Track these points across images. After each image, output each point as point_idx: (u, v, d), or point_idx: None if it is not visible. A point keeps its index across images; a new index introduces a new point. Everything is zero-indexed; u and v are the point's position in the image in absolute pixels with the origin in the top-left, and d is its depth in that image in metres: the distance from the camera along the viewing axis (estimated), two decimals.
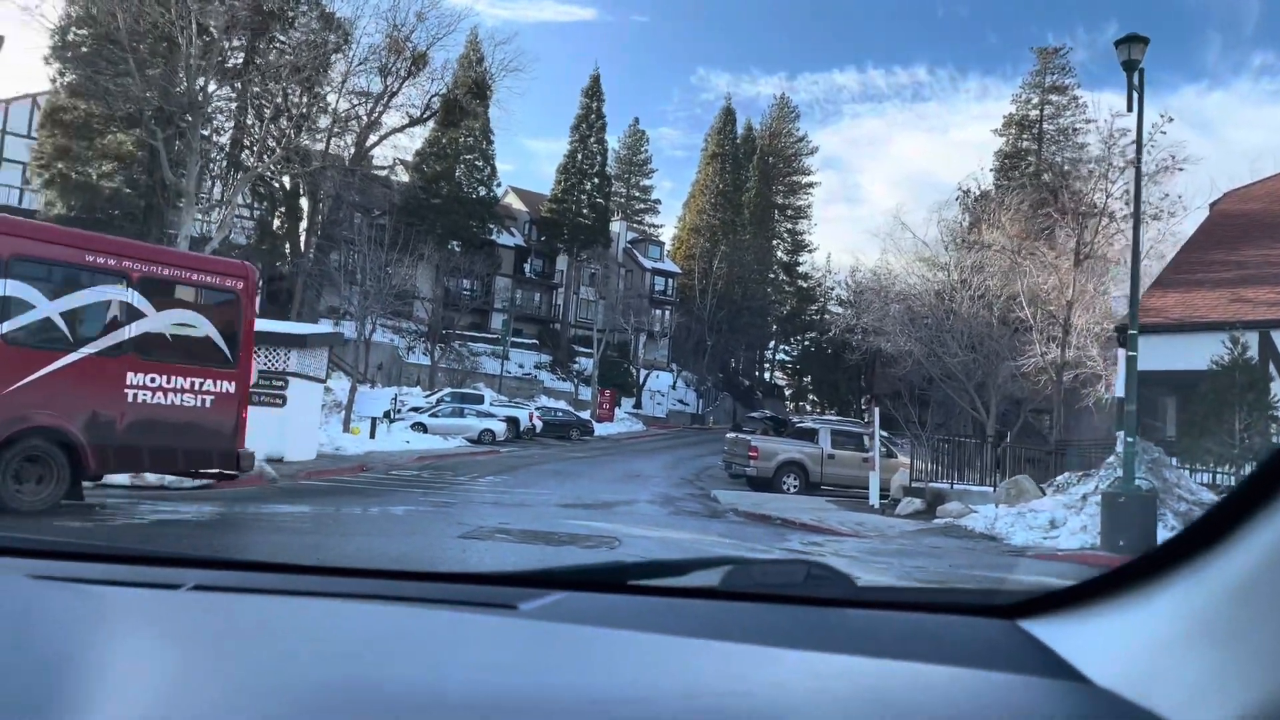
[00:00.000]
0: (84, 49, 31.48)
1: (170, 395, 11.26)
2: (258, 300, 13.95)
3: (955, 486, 18.36)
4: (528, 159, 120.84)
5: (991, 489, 17.83)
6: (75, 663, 0.88)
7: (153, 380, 11.13)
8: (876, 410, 21.31)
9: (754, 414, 35.41)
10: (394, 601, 1.34)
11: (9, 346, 10.16)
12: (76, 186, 31.29)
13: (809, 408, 73.40)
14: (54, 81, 32.71)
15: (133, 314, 11.04)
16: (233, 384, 11.96)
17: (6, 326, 10.14)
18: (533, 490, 19.73)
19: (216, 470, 12.01)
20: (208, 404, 11.61)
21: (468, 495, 17.56)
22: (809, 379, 75.13)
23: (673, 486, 24.06)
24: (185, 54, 17.86)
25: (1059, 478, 16.63)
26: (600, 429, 48.57)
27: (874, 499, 19.80)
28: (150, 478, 13.67)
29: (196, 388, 11.52)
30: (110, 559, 1.44)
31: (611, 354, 60.01)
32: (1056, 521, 14.16)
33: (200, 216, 29.20)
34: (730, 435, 27.79)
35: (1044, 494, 16.06)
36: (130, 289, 11.02)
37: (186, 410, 11.42)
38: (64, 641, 0.93)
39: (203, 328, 11.79)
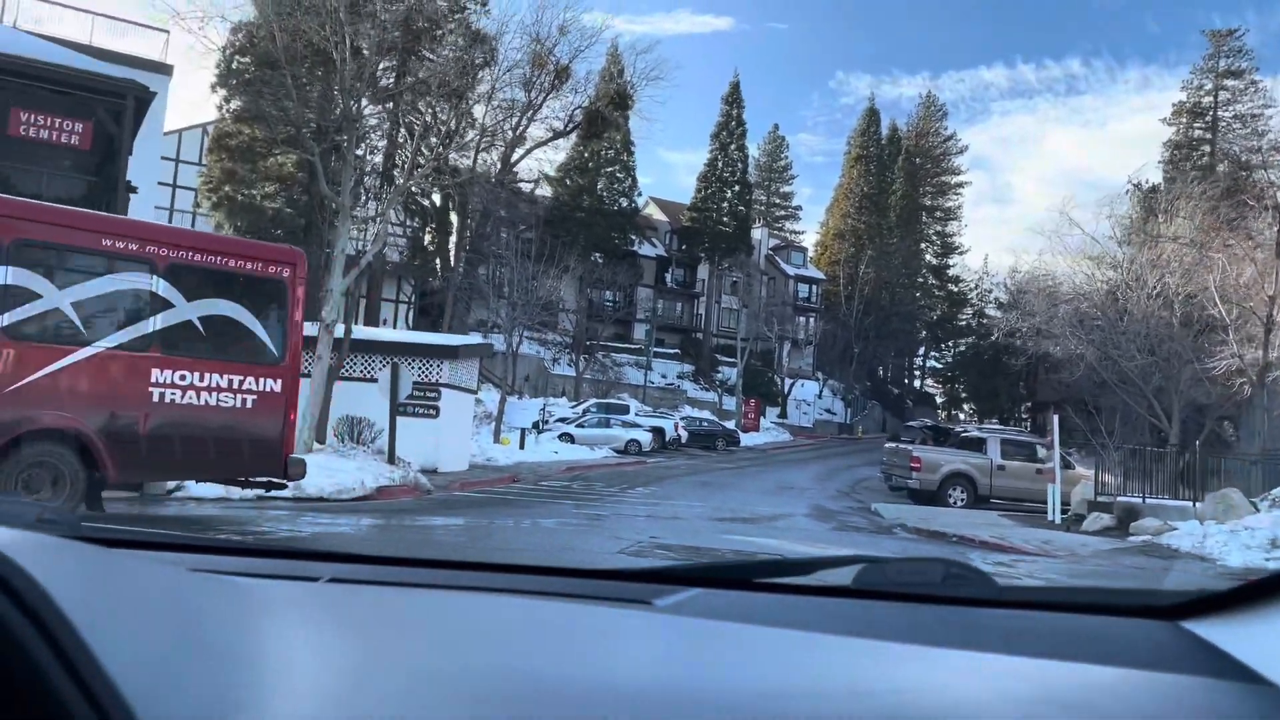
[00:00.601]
0: (246, 76, 32.88)
1: (204, 394, 10.00)
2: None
3: (1148, 501, 16.76)
4: (666, 171, 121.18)
5: (1191, 504, 16.16)
6: (237, 653, 0.87)
7: (183, 378, 9.88)
8: (1056, 418, 19.76)
9: (913, 423, 33.94)
10: (529, 595, 1.34)
11: (11, 340, 9.15)
12: (242, 208, 32.69)
13: (964, 416, 70.52)
14: (219, 108, 34.31)
15: (158, 304, 9.82)
16: (278, 382, 10.53)
17: (7, 319, 9.10)
18: (683, 502, 19.17)
19: (265, 480, 10.68)
20: (249, 404, 10.29)
21: (618, 507, 17.13)
22: (964, 386, 72.20)
23: (829, 499, 23.08)
24: (340, 74, 18.09)
25: (1274, 491, 14.89)
26: (746, 439, 47.69)
27: (1054, 514, 18.33)
28: (308, 488, 13.75)
29: (235, 386, 10.22)
30: (256, 553, 1.48)
31: (755, 363, 58.99)
32: (1279, 540, 12.59)
33: (356, 234, 29.96)
34: (889, 445, 26.56)
35: (1256, 509, 14.39)
36: (156, 276, 9.83)
37: (223, 411, 10.14)
38: (225, 632, 0.92)
39: (243, 319, 10.45)
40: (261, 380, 10.43)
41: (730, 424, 48.80)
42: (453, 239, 47.03)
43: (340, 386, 20.41)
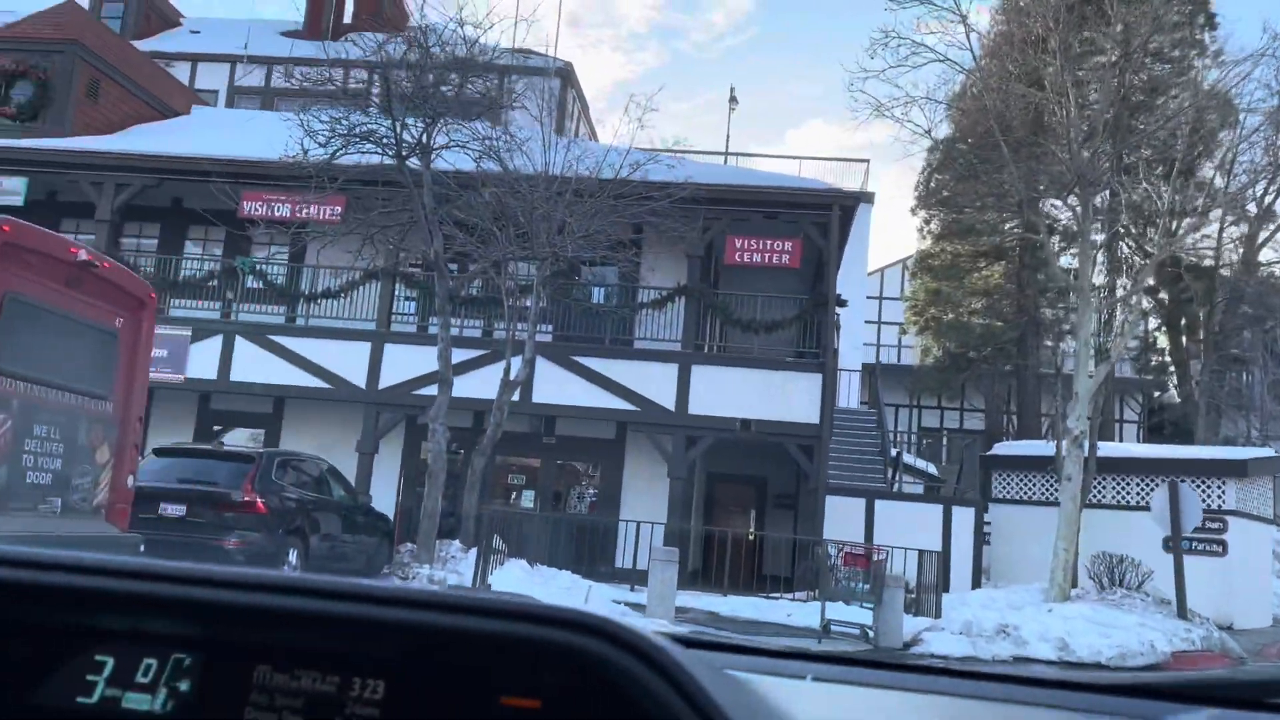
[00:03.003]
0: (945, 192, 31.61)
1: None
2: None
3: None
4: None
5: None
6: None
7: None
8: None
9: None
10: (1011, 704, 1.30)
11: None
12: (949, 328, 30.92)
13: None
14: (920, 230, 33.45)
15: None
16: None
17: None
18: None
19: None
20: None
21: None
22: None
23: None
24: (1067, 133, 14.88)
25: None
26: None
27: None
28: (1078, 649, 10.13)
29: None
30: (747, 651, 1.50)
31: None
32: None
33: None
34: None
35: None
36: None
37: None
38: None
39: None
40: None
41: None
42: (1183, 338, 39.76)
43: (1087, 515, 16.48)
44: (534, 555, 13.99)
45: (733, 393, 16.36)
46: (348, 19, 34.17)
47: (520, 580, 11.95)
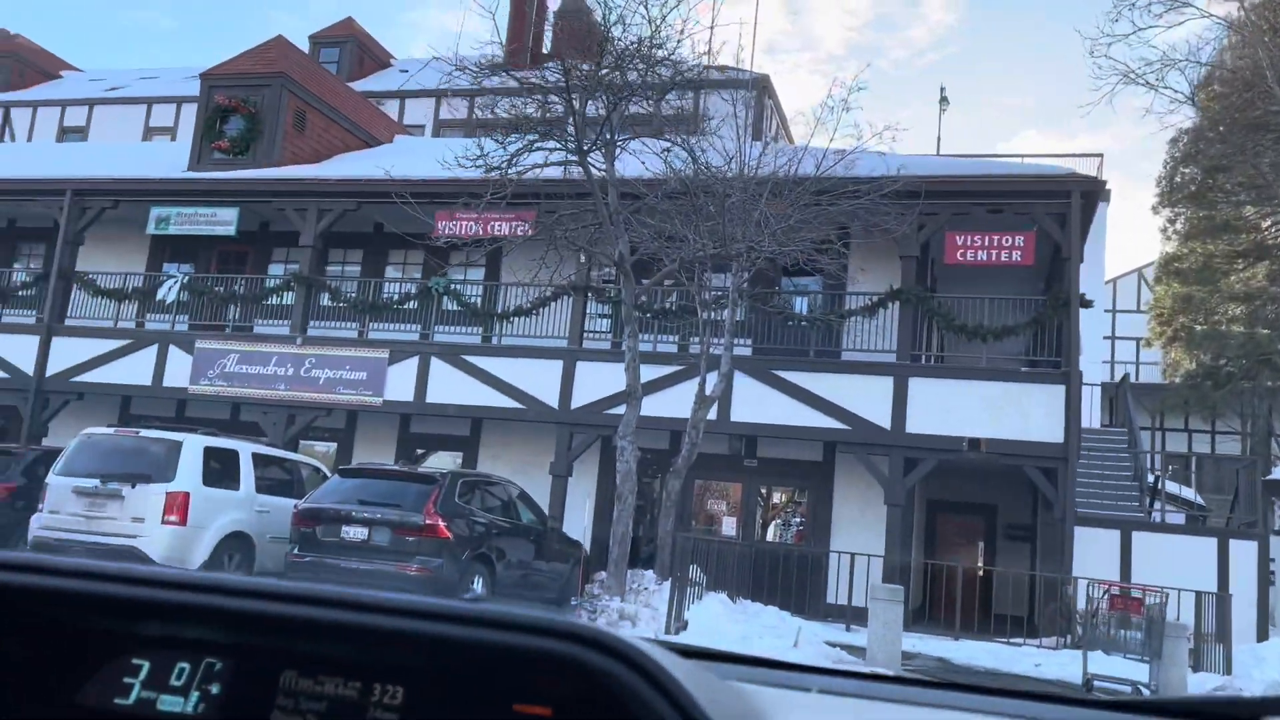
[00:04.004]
0: (1192, 186, 28.29)
1: None
2: None
3: None
4: None
5: None
6: None
7: None
8: None
9: None
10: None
11: None
12: (1204, 337, 27.33)
13: None
14: (1163, 231, 29.98)
15: None
16: None
17: None
18: None
19: None
20: None
21: None
22: None
23: None
24: None
25: None
26: None
27: None
28: None
29: None
30: (752, 662, 1.50)
31: None
32: None
33: None
34: None
35: None
36: None
37: None
38: None
39: None
40: None
41: None
42: None
43: None
44: (735, 588, 12.69)
45: (957, 408, 14.50)
46: (546, 47, 34.46)
47: (719, 615, 10.67)
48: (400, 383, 16.97)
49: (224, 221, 18.39)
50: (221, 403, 18.28)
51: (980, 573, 17.71)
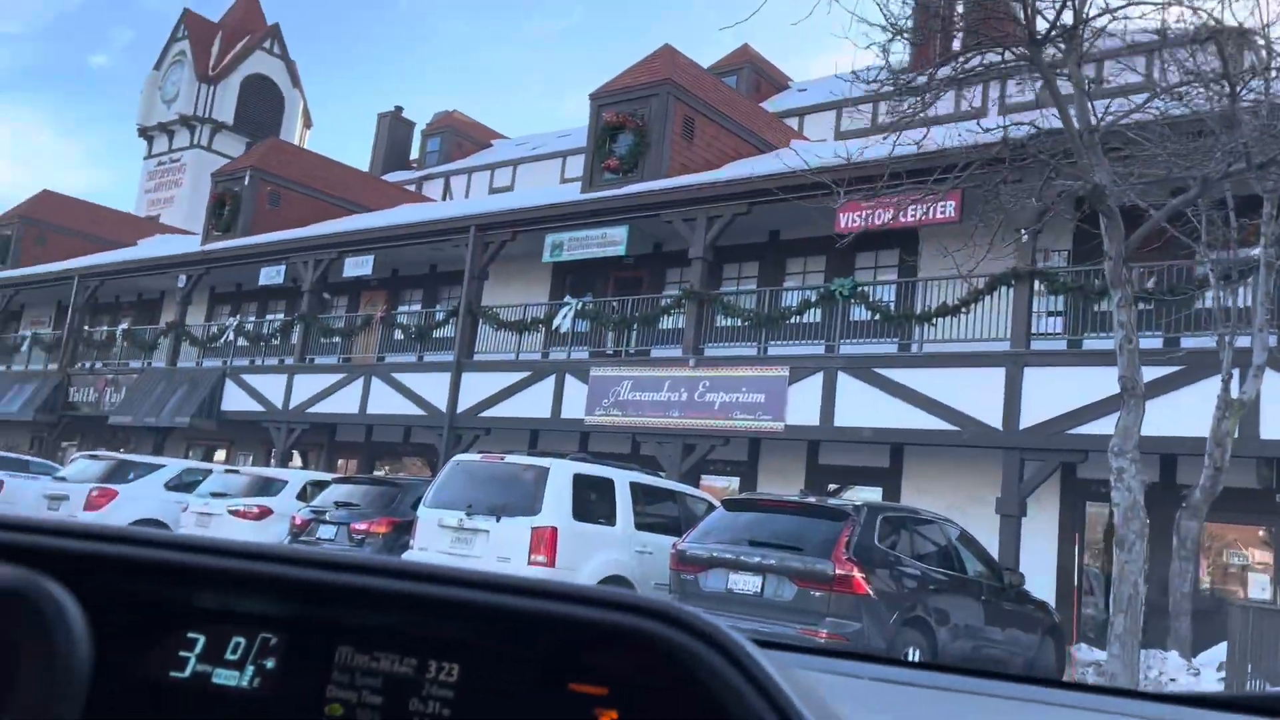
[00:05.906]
0: None
1: None
2: None
3: None
4: None
5: None
6: None
7: None
8: None
9: None
10: (1064, 709, 1.29)
11: None
12: None
13: None
14: None
15: None
16: None
17: None
18: None
19: None
20: None
21: None
22: None
23: None
24: None
25: None
26: None
27: None
28: None
29: None
30: (794, 649, 1.48)
31: None
32: None
33: None
34: None
35: None
36: None
37: None
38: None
39: None
40: None
41: None
42: None
43: None
44: None
45: None
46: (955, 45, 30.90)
47: None
48: (803, 404, 14.51)
49: (614, 241, 17.30)
50: (621, 435, 17.06)
51: None
